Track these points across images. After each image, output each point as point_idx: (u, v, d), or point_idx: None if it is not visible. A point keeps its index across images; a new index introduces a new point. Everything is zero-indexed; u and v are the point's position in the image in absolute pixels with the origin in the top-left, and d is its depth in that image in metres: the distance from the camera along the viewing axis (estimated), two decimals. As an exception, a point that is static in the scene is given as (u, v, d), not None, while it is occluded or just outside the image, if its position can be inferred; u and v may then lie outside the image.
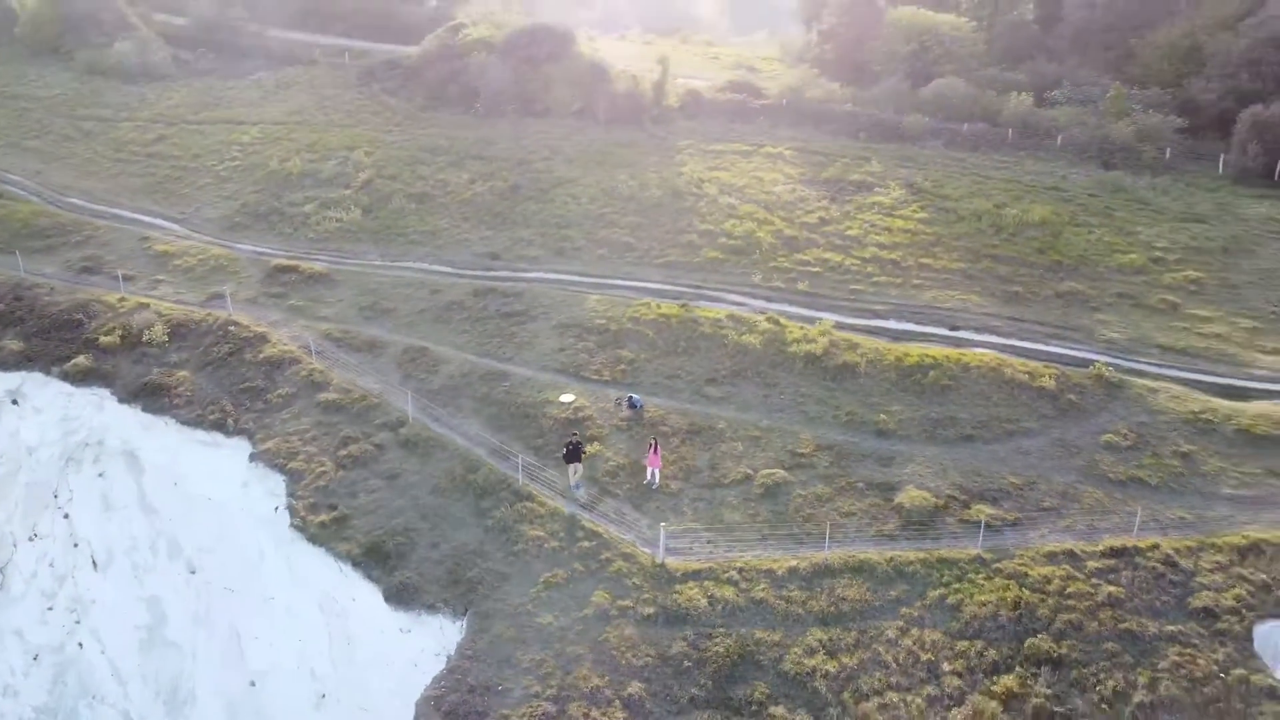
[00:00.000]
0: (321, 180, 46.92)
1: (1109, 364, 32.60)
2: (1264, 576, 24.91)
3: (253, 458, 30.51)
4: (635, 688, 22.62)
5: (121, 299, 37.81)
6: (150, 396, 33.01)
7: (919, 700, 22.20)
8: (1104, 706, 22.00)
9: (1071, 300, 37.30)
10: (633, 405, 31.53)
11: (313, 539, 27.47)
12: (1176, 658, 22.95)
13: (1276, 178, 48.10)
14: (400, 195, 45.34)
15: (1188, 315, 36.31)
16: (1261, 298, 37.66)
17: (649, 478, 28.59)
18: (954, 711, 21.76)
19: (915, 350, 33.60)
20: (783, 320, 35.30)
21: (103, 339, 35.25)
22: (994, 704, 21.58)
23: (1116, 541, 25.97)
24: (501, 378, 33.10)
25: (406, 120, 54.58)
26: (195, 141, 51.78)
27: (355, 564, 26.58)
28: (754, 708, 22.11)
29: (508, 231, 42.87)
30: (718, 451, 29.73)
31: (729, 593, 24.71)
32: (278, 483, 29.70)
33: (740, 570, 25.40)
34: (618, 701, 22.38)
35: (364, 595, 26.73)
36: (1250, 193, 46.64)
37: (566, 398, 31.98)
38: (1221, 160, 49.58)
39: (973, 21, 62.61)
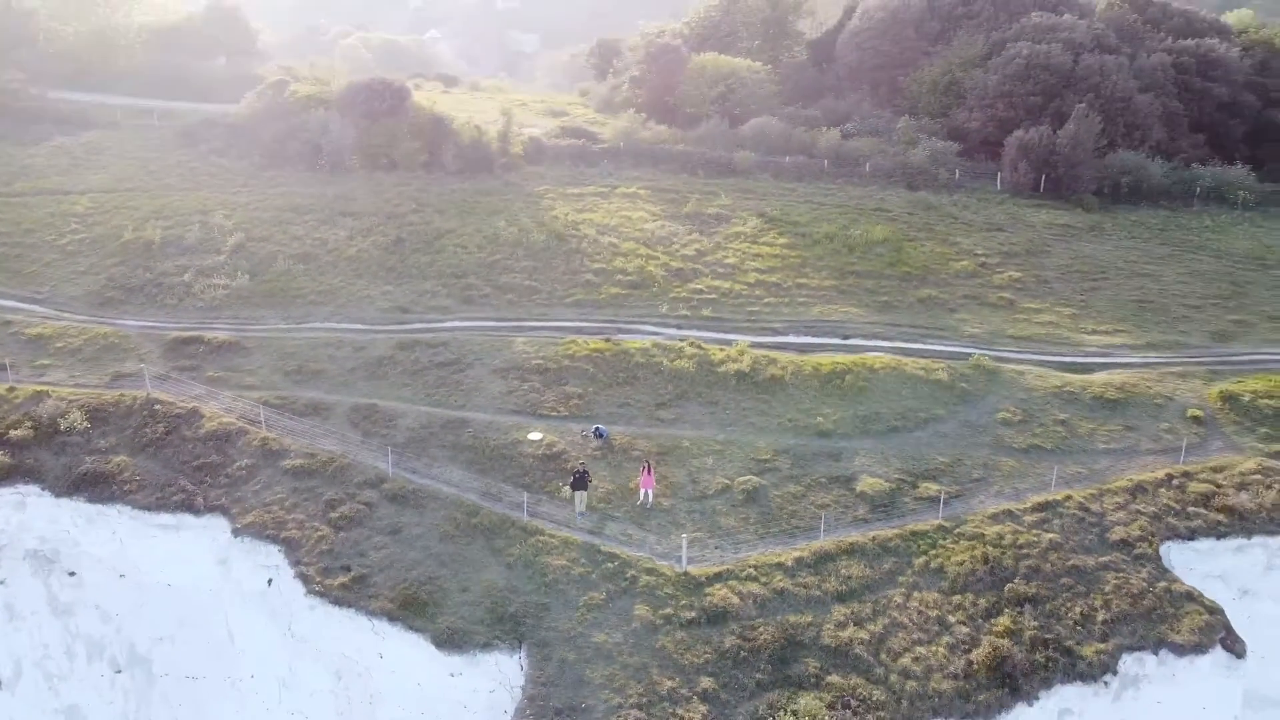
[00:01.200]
0: (187, 247, 45.06)
1: (982, 354, 38.61)
2: (1153, 509, 31.06)
3: (236, 533, 29.67)
4: (706, 683, 24.89)
5: (11, 388, 34.93)
6: (94, 486, 31.04)
7: (941, 650, 26.06)
8: (1078, 628, 26.86)
9: (931, 304, 43.37)
10: (600, 435, 33.61)
11: (338, 601, 27.36)
12: (1115, 581, 28.33)
13: (1041, 190, 57.64)
14: (282, 256, 44.52)
15: (1023, 309, 43.35)
16: (1069, 289, 45.57)
17: (642, 498, 30.83)
18: (974, 653, 25.79)
19: (826, 359, 38.02)
20: (703, 345, 38.66)
21: (12, 433, 32.57)
22: (1005, 641, 25.83)
23: (1039, 498, 31.31)
24: (463, 424, 34.06)
25: (250, 180, 53.14)
26: (20, 215, 47.76)
27: (391, 619, 26.83)
28: (813, 680, 25.03)
29: (408, 284, 43.41)
30: (691, 467, 32.47)
31: (754, 588, 27.51)
32: (270, 554, 29.13)
33: (755, 567, 28.27)
34: (695, 698, 24.55)
35: (395, 649, 27.00)
36: (1028, 203, 55.68)
37: (534, 435, 33.53)
38: (999, 178, 58.64)
39: (768, 65, 69.46)
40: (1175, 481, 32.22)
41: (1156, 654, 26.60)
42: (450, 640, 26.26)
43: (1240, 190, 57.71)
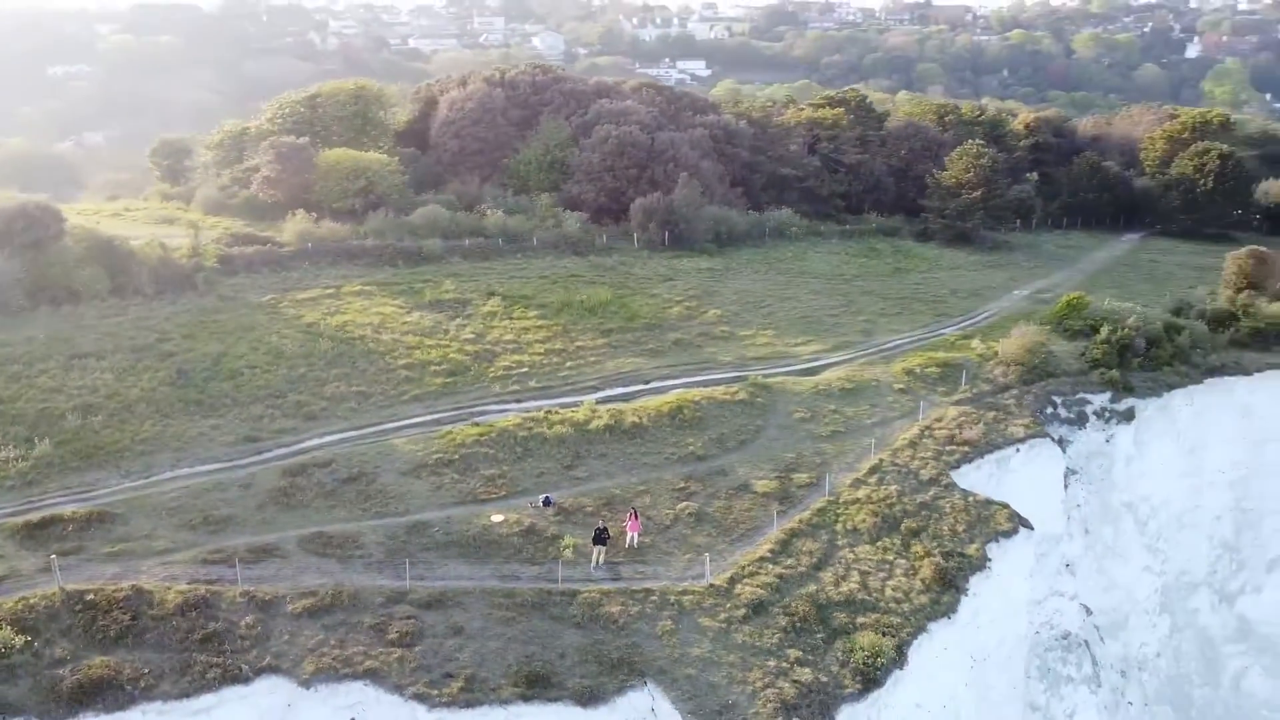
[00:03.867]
0: (-78, 424, 37.25)
1: (753, 374, 49.13)
2: (929, 453, 44.01)
3: (307, 683, 28.28)
4: (793, 653, 31.43)
5: None
6: (101, 695, 26.80)
7: (900, 576, 35.68)
8: (955, 539, 38.40)
9: (683, 345, 52.90)
10: (548, 504, 37.35)
11: (468, 704, 28.16)
12: (948, 504, 40.48)
13: (666, 243, 70.56)
14: (69, 412, 39.02)
15: (742, 336, 54.95)
16: (754, 316, 58.36)
17: (630, 541, 35.68)
18: (920, 574, 35.84)
19: (655, 402, 45.43)
20: (561, 410, 43.62)
21: (-66, 676, 26.49)
22: (935, 558, 36.34)
23: (867, 464, 42.48)
24: (425, 526, 35.27)
25: (-91, 337, 43.91)
26: None
27: (526, 698, 28.63)
28: (852, 625, 32.94)
29: (231, 414, 41.08)
30: (639, 505, 37.87)
31: (763, 578, 34.36)
32: (352, 691, 28.45)
33: (749, 564, 35.14)
34: (794, 665, 30.98)
35: (524, 729, 28.98)
36: (668, 255, 68.21)
37: (497, 518, 36.13)
38: (635, 237, 70.28)
39: (394, 158, 73.20)
40: (926, 433, 45.77)
41: (998, 541, 39.26)
42: (591, 695, 29.18)
43: (792, 227, 76.77)
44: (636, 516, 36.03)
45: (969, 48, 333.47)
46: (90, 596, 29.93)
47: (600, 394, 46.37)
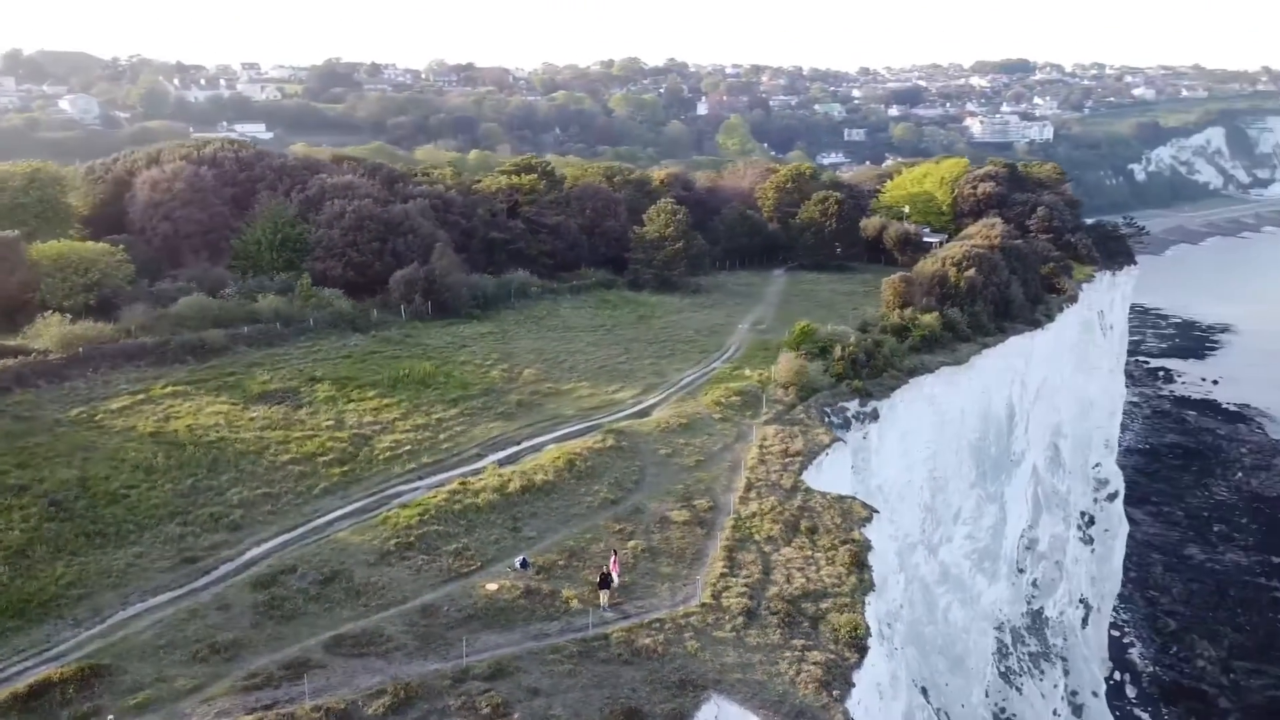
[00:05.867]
0: None
1: (607, 423, 53.80)
2: (778, 467, 52.03)
3: (440, 773, 28.58)
4: (798, 643, 37.16)
5: None
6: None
7: (826, 566, 42.86)
8: (840, 530, 46.45)
9: (526, 405, 55.89)
10: (525, 566, 39.37)
11: (590, 750, 30.40)
12: (817, 505, 48.58)
13: (430, 312, 72.13)
14: (-41, 570, 33.24)
15: (569, 389, 59.17)
16: (560, 372, 62.75)
17: (614, 581, 39.00)
18: (837, 562, 43.31)
19: (548, 458, 48.51)
20: (469, 480, 45.10)
21: None
22: (845, 546, 44.05)
23: (742, 482, 49.35)
24: (432, 608, 35.75)
25: None
26: None
27: (629, 732, 31.41)
28: (823, 610, 39.42)
29: (146, 538, 37.40)
30: (595, 551, 41.17)
31: (735, 590, 39.73)
32: (478, 770, 29.34)
33: (717, 580, 40.26)
34: (807, 650, 36.75)
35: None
36: (441, 323, 70.04)
37: (492, 586, 37.57)
38: (402, 309, 70.84)
39: (119, 246, 66.40)
40: (764, 451, 53.75)
41: (864, 526, 48.06)
42: (679, 716, 32.53)
43: (532, 287, 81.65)
44: (617, 557, 39.52)
45: (522, 108, 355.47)
46: (158, 752, 27.39)
47: (490, 459, 48.35)
